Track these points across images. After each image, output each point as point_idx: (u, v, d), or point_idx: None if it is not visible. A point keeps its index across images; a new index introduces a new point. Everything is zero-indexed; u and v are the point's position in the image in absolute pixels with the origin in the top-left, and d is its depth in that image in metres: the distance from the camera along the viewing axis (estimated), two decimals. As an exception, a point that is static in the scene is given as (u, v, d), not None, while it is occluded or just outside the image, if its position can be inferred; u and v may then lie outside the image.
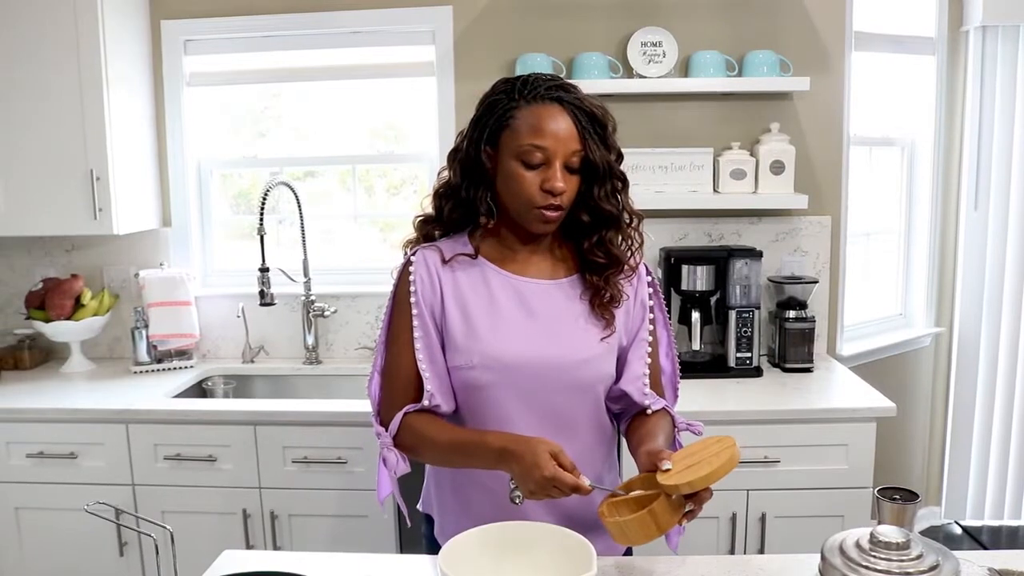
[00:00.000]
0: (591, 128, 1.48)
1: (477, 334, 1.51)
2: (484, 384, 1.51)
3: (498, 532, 1.34)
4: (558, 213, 1.49)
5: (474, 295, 1.54)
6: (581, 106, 1.48)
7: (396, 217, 3.41)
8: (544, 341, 1.52)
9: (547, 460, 1.33)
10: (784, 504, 2.54)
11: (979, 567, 1.31)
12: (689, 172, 2.96)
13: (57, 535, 2.68)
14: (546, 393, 1.52)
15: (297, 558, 1.64)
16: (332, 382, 3.13)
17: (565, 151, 1.46)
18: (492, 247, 1.58)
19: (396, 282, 1.60)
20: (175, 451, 2.63)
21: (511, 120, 1.49)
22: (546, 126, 1.45)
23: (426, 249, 1.59)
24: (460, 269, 1.56)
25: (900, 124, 3.54)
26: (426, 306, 1.54)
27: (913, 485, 1.36)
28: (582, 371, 1.54)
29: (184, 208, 3.22)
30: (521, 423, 1.51)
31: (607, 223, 1.54)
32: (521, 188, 1.47)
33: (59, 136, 2.83)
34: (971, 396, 3.67)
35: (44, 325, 3.05)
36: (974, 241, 3.54)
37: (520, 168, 1.47)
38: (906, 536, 0.96)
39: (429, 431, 1.51)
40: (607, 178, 1.51)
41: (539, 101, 1.48)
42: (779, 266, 3.10)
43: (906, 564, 0.94)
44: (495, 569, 1.27)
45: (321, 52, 3.17)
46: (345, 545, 2.59)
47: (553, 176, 1.45)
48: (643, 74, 2.95)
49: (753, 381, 2.85)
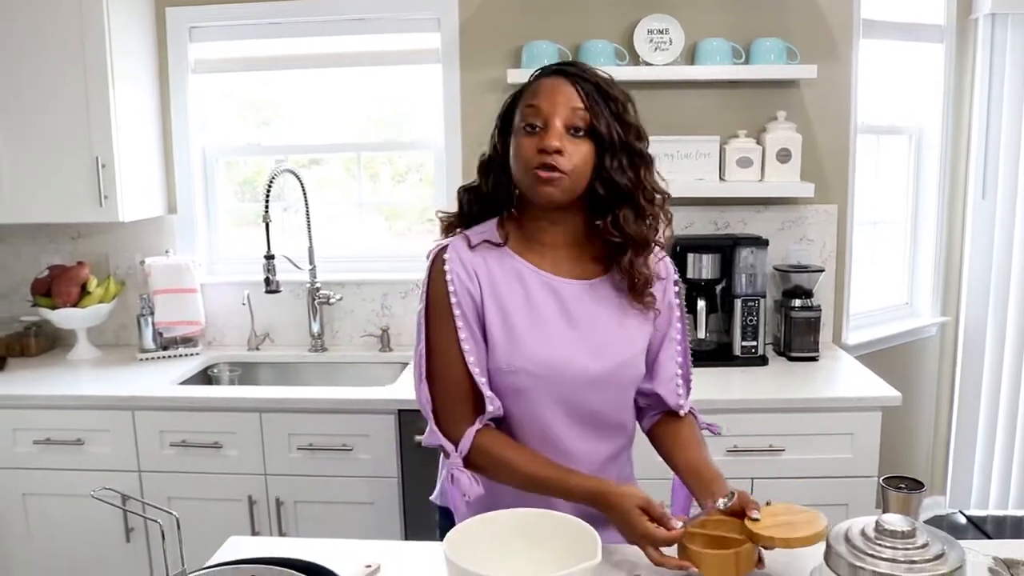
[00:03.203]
0: (596, 96, 1.43)
1: (518, 338, 1.47)
2: (520, 387, 1.48)
3: (504, 520, 1.34)
4: (555, 174, 1.40)
5: (510, 293, 1.49)
6: (584, 75, 1.45)
7: (401, 205, 3.41)
8: (585, 350, 1.48)
9: (638, 517, 1.32)
10: (789, 493, 2.51)
11: (984, 556, 1.30)
12: (695, 160, 2.95)
13: (64, 521, 2.70)
14: (582, 396, 1.50)
15: (303, 544, 1.65)
16: (337, 369, 3.14)
17: (564, 111, 1.41)
18: (519, 240, 1.53)
19: (429, 278, 1.52)
20: (181, 438, 2.63)
21: (518, 103, 1.47)
22: (544, 90, 1.43)
23: (456, 240, 1.53)
24: (494, 263, 1.50)
25: (908, 112, 3.52)
26: (467, 307, 1.48)
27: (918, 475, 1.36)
28: (619, 376, 1.52)
29: (189, 195, 3.22)
30: (555, 424, 1.50)
31: (621, 199, 1.46)
32: (519, 155, 1.43)
33: (64, 123, 2.82)
34: (977, 386, 3.66)
35: (50, 312, 3.06)
36: (981, 230, 3.53)
37: (520, 136, 1.44)
38: (911, 525, 0.96)
39: (507, 457, 1.46)
40: (620, 150, 1.44)
41: (542, 77, 1.47)
42: (785, 254, 3.09)
43: (911, 552, 0.93)
44: (501, 556, 1.27)
45: (326, 39, 3.16)
46: (350, 532, 2.59)
47: (548, 135, 1.40)
48: (649, 61, 2.94)
49: (758, 370, 2.84)
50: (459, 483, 1.47)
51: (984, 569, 1.28)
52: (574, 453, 1.52)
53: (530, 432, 1.51)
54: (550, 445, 1.51)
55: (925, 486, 1.31)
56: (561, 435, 1.51)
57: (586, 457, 1.53)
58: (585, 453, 1.53)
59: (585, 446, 1.53)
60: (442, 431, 1.51)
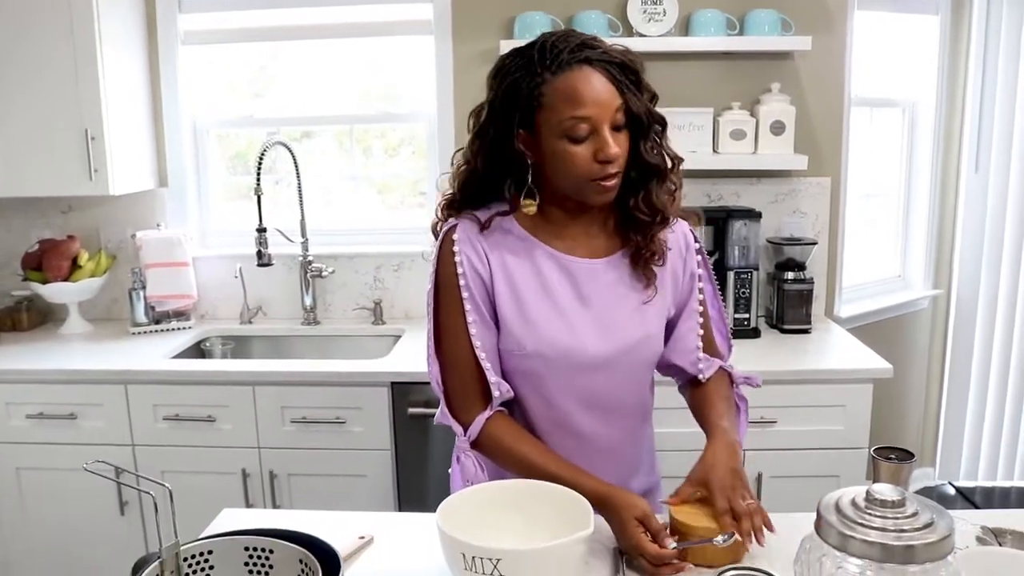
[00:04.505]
0: (626, 80, 1.36)
1: (531, 321, 1.45)
2: (531, 370, 1.47)
3: (497, 491, 1.35)
4: (616, 180, 1.39)
5: (523, 275, 1.46)
6: (611, 59, 1.36)
7: (394, 178, 3.39)
8: (598, 331, 1.47)
9: (633, 528, 1.31)
10: (781, 464, 2.55)
11: (972, 525, 1.32)
12: (689, 132, 2.94)
13: (58, 495, 2.70)
14: (595, 378, 1.48)
15: (296, 516, 1.66)
16: (330, 342, 3.14)
17: (610, 113, 1.34)
18: (535, 223, 1.48)
19: (438, 258, 1.48)
20: (174, 411, 2.63)
21: (542, 97, 1.35)
22: (584, 93, 1.33)
23: (465, 220, 1.47)
24: (505, 244, 1.46)
25: (902, 85, 3.51)
26: (477, 289, 1.45)
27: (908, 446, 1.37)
28: (633, 355, 1.50)
29: (180, 168, 3.20)
30: (567, 406, 1.49)
31: (653, 175, 1.44)
32: (574, 165, 1.36)
33: (53, 96, 2.79)
34: (967, 359, 3.68)
35: (41, 287, 3.05)
36: (974, 204, 3.53)
37: (567, 145, 1.35)
38: (901, 495, 0.96)
39: (517, 449, 1.45)
40: (650, 127, 1.41)
41: (566, 68, 1.34)
42: (778, 227, 3.09)
43: (901, 522, 0.94)
44: (494, 527, 1.28)
45: (317, 10, 3.12)
46: (344, 504, 2.61)
47: (605, 144, 1.34)
48: (643, 33, 2.92)
49: (751, 342, 2.85)
50: (464, 468, 1.46)
51: (972, 538, 1.29)
52: (587, 435, 1.51)
53: (542, 415, 1.50)
54: (563, 428, 1.50)
55: (915, 456, 1.32)
56: (574, 418, 1.50)
57: (600, 440, 1.53)
58: (599, 436, 1.52)
59: (599, 428, 1.52)
60: (453, 413, 1.49)
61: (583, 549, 1.19)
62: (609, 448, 1.54)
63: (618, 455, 1.56)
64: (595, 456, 1.49)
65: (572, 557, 1.18)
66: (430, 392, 2.55)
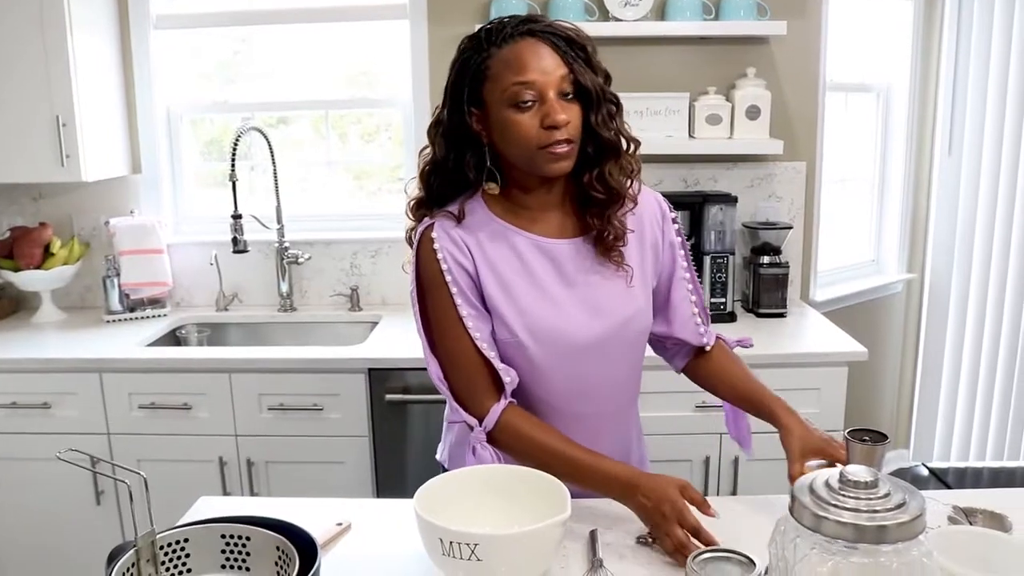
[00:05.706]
0: (572, 52, 1.38)
1: (520, 307, 1.45)
2: (522, 355, 1.47)
3: (474, 475, 1.35)
4: (568, 147, 1.38)
5: (505, 262, 1.46)
6: (555, 32, 1.38)
7: (370, 163, 3.37)
8: (586, 310, 1.47)
9: (676, 494, 1.33)
10: (757, 447, 2.54)
11: (944, 505, 1.34)
12: (665, 117, 2.94)
13: (33, 485, 2.68)
14: (586, 360, 1.48)
15: (274, 504, 1.65)
16: (307, 329, 3.12)
17: (555, 80, 1.35)
18: (504, 207, 1.48)
19: (418, 259, 1.48)
20: (150, 400, 2.62)
21: (487, 70, 1.38)
22: (528, 60, 1.35)
23: (441, 217, 1.47)
24: (483, 234, 1.46)
25: (876, 70, 3.53)
26: (464, 283, 1.45)
27: (883, 428, 1.39)
28: (624, 333, 1.51)
29: (154, 155, 3.16)
30: (560, 386, 1.49)
31: (607, 153, 1.43)
32: (520, 133, 1.36)
33: (23, 81, 2.75)
34: (940, 342, 3.72)
35: (13, 275, 3.01)
36: (947, 186, 3.56)
37: (513, 113, 1.36)
38: (874, 475, 0.97)
39: (537, 438, 1.44)
40: (601, 102, 1.40)
41: (511, 40, 1.37)
42: (754, 212, 3.10)
43: (874, 502, 0.95)
44: (472, 511, 1.28)
45: (291, -6, 3.10)
46: (322, 491, 2.60)
47: (552, 109, 1.34)
48: (619, 17, 2.91)
49: (727, 326, 2.86)
50: (481, 458, 1.44)
51: (944, 517, 1.31)
52: (580, 417, 1.51)
53: (536, 399, 1.50)
54: (556, 411, 1.50)
55: (889, 438, 1.34)
56: (566, 400, 1.50)
57: (590, 422, 1.53)
58: (589, 417, 1.53)
59: (590, 410, 1.53)
60: (464, 408, 1.48)
61: (560, 533, 1.20)
62: (600, 429, 1.54)
63: (611, 437, 1.56)
64: (588, 438, 1.48)
65: (549, 541, 1.19)
66: (408, 378, 2.57)
